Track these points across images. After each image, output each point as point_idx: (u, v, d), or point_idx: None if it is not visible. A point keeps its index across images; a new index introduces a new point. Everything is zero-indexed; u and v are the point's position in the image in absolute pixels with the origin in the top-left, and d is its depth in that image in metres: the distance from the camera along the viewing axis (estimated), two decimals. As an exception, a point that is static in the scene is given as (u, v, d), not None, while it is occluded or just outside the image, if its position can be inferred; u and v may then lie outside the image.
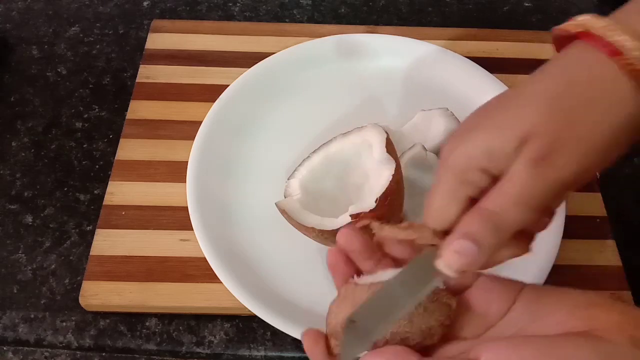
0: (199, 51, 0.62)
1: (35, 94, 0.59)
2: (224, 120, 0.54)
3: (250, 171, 0.52)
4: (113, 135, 0.56)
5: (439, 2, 0.70)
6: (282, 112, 0.56)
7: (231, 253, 0.47)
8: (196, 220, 0.47)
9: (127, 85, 0.60)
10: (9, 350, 0.45)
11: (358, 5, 0.69)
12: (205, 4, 0.69)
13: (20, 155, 0.55)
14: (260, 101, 0.56)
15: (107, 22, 0.66)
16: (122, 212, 0.50)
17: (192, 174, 0.50)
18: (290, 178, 0.48)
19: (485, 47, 0.63)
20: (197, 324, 0.46)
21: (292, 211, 0.44)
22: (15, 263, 0.49)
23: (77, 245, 0.50)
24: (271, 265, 0.47)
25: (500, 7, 0.70)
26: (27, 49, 0.63)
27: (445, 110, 0.52)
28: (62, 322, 0.46)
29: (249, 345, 0.45)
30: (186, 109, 0.56)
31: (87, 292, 0.45)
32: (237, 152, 0.53)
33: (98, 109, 0.59)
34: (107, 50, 0.63)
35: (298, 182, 0.47)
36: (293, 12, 0.68)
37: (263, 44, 0.62)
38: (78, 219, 0.51)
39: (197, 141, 0.52)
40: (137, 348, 0.45)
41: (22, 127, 0.57)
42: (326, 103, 0.57)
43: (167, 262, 0.47)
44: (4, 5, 0.67)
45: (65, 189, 0.53)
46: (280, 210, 0.45)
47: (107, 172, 0.53)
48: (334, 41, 0.60)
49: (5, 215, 0.51)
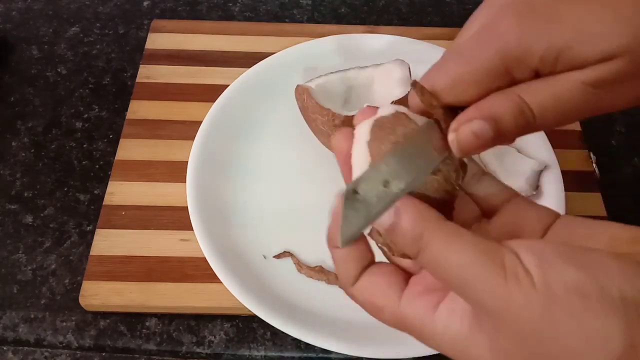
0: (199, 51, 0.62)
1: (35, 94, 0.59)
2: (224, 120, 0.54)
3: (250, 171, 0.52)
4: (113, 135, 0.56)
5: (439, 2, 0.70)
6: (282, 112, 0.56)
7: (231, 253, 0.47)
8: (196, 220, 0.47)
9: (127, 85, 0.60)
10: (9, 350, 0.44)
11: (358, 5, 0.69)
12: (205, 4, 0.69)
13: (20, 155, 0.55)
14: (260, 101, 0.56)
15: (107, 22, 0.66)
16: (122, 212, 0.50)
17: (192, 174, 0.50)
18: (307, 82, 0.51)
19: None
20: (197, 324, 0.46)
21: (313, 92, 0.48)
22: (15, 263, 0.49)
23: (77, 245, 0.50)
24: (271, 265, 0.47)
25: (500, 7, 0.70)
26: (27, 49, 0.63)
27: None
28: (62, 322, 0.46)
29: (249, 345, 0.45)
30: (186, 109, 0.56)
31: (87, 292, 0.45)
32: (237, 152, 0.53)
33: (98, 109, 0.59)
34: (107, 50, 0.63)
35: (314, 84, 0.50)
36: (293, 12, 0.68)
37: (263, 44, 0.62)
38: (78, 219, 0.51)
39: (197, 141, 0.52)
40: (137, 348, 0.45)
41: (22, 127, 0.57)
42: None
43: (167, 262, 0.47)
44: (4, 5, 0.67)
45: (65, 189, 0.53)
46: (300, 91, 0.49)
47: (107, 172, 0.53)
48: (334, 41, 0.60)
49: (5, 215, 0.51)
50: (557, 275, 0.21)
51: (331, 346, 0.42)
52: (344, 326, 0.43)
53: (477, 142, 0.25)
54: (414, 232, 0.23)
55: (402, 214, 0.24)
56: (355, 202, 0.25)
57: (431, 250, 0.23)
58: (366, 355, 0.41)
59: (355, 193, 0.25)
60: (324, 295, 0.45)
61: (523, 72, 0.26)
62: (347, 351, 0.42)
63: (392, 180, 0.25)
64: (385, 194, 0.25)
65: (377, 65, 0.53)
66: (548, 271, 0.21)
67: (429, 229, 0.23)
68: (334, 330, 0.43)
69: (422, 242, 0.23)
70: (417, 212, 0.24)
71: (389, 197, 0.24)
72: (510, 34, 0.25)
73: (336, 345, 0.42)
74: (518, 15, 0.26)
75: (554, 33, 0.25)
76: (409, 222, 0.24)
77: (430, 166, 0.25)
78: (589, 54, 0.25)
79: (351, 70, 0.53)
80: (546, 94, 0.26)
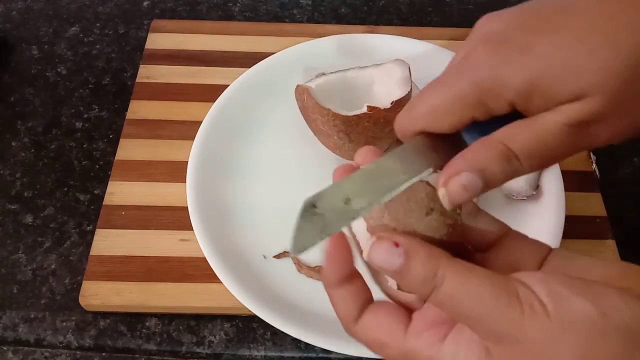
0: (199, 51, 0.62)
1: (35, 94, 0.59)
2: (224, 120, 0.54)
3: (250, 171, 0.52)
4: (113, 135, 0.56)
5: (439, 2, 0.70)
6: (282, 112, 0.56)
7: (231, 253, 0.47)
8: (196, 220, 0.47)
9: (127, 85, 0.60)
10: (9, 350, 0.44)
11: (358, 5, 0.69)
12: (205, 4, 0.69)
13: (20, 155, 0.55)
14: (260, 101, 0.56)
15: (107, 22, 0.66)
16: (122, 212, 0.50)
17: (192, 174, 0.50)
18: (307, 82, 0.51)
19: (485, 47, 0.63)
20: (197, 324, 0.46)
21: (313, 92, 0.48)
22: (15, 263, 0.49)
23: (77, 245, 0.50)
24: (271, 265, 0.47)
25: (500, 7, 0.70)
26: (27, 49, 0.63)
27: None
28: (62, 322, 0.46)
29: (249, 345, 0.45)
30: (186, 109, 0.56)
31: (87, 292, 0.45)
32: (237, 152, 0.53)
33: (98, 109, 0.59)
34: (107, 50, 0.63)
35: (314, 85, 0.50)
36: (293, 12, 0.68)
37: (263, 44, 0.62)
38: (78, 219, 0.51)
39: (197, 141, 0.52)
40: (137, 348, 0.45)
41: (22, 127, 0.57)
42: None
43: (167, 262, 0.47)
44: (4, 5, 0.67)
45: (65, 189, 0.53)
46: (300, 91, 0.49)
47: (107, 172, 0.53)
48: (334, 41, 0.60)
49: (5, 215, 0.51)
50: (567, 305, 0.22)
51: (331, 346, 0.42)
52: (344, 326, 0.43)
53: (467, 195, 0.25)
54: (425, 272, 0.24)
55: (411, 255, 0.24)
56: (313, 216, 0.25)
57: (446, 288, 0.23)
58: (366, 355, 0.41)
59: (313, 207, 0.25)
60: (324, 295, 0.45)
61: (498, 104, 0.26)
62: (347, 351, 0.42)
63: (354, 198, 0.25)
64: (345, 211, 0.25)
65: (377, 65, 0.53)
66: (559, 301, 0.22)
67: (442, 267, 0.24)
68: (334, 330, 0.43)
69: (436, 280, 0.24)
70: (427, 252, 0.24)
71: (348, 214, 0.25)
72: (483, 65, 0.26)
73: (336, 345, 0.42)
74: (492, 47, 0.26)
75: (526, 66, 0.25)
76: (419, 263, 0.24)
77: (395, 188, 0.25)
78: (560, 91, 0.25)
79: (351, 70, 0.53)
80: (530, 140, 0.25)
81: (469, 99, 0.26)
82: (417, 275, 0.24)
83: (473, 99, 0.26)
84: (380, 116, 0.47)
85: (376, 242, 0.25)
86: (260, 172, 0.52)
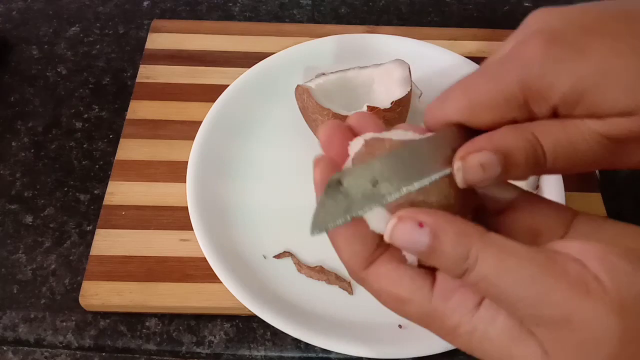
0: (199, 51, 0.62)
1: (35, 94, 0.59)
2: (224, 120, 0.54)
3: (250, 171, 0.52)
4: (113, 135, 0.56)
5: (439, 2, 0.70)
6: (282, 112, 0.56)
7: (231, 253, 0.47)
8: (196, 220, 0.47)
9: (127, 85, 0.60)
10: (8, 350, 0.44)
11: (358, 5, 0.69)
12: (205, 4, 0.69)
13: (20, 155, 0.55)
14: (260, 101, 0.56)
15: (107, 22, 0.66)
16: (122, 212, 0.50)
17: (192, 174, 0.50)
18: (307, 82, 0.51)
19: (485, 47, 0.63)
20: (197, 324, 0.46)
21: (313, 92, 0.48)
22: (15, 263, 0.49)
23: (77, 245, 0.50)
24: (271, 265, 0.47)
25: (500, 7, 0.70)
26: (27, 49, 0.63)
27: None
28: (62, 322, 0.46)
29: (249, 345, 0.45)
30: (186, 109, 0.56)
31: (87, 292, 0.45)
32: (237, 152, 0.53)
33: (98, 109, 0.59)
34: (107, 50, 0.63)
35: (314, 85, 0.50)
36: (293, 12, 0.68)
37: (263, 44, 0.62)
38: (78, 219, 0.51)
39: (197, 141, 0.52)
40: (137, 348, 0.45)
41: (22, 127, 0.57)
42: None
43: (167, 262, 0.47)
44: (4, 5, 0.67)
45: (65, 189, 0.53)
46: (300, 91, 0.49)
47: (107, 172, 0.53)
48: (334, 41, 0.60)
49: (5, 215, 0.51)
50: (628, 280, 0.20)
51: (331, 346, 0.42)
52: (344, 326, 0.43)
53: (482, 175, 0.24)
54: (456, 253, 0.22)
55: (439, 235, 0.22)
56: (337, 193, 0.23)
57: (481, 270, 0.21)
58: (366, 355, 0.41)
59: (339, 184, 0.23)
60: (324, 295, 0.45)
61: (541, 107, 0.24)
62: (347, 351, 0.42)
63: (382, 182, 0.23)
64: (372, 194, 0.23)
65: (377, 65, 0.53)
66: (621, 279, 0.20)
67: (475, 247, 0.22)
68: (334, 330, 0.43)
69: (469, 261, 0.22)
70: (457, 230, 0.22)
71: (375, 198, 0.23)
72: (534, 61, 0.24)
73: (336, 345, 0.42)
74: (547, 43, 0.24)
75: (578, 69, 0.23)
76: (450, 243, 0.22)
77: (426, 177, 0.24)
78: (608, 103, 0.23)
79: (351, 70, 0.53)
80: (562, 139, 0.24)
81: (515, 100, 0.24)
82: (447, 257, 0.22)
83: (520, 99, 0.24)
84: (380, 116, 0.47)
85: (399, 224, 0.23)
86: (260, 172, 0.52)
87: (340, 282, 0.45)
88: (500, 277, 0.21)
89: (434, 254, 0.22)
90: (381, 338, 0.42)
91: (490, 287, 0.22)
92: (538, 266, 0.21)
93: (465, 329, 0.23)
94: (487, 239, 0.22)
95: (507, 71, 0.24)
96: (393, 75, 0.51)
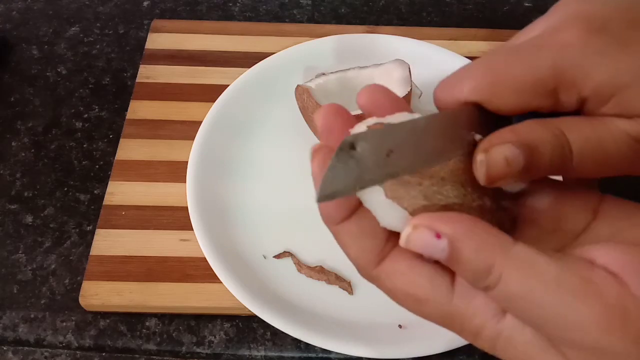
0: (199, 51, 0.62)
1: (35, 94, 0.59)
2: (224, 120, 0.54)
3: (250, 171, 0.52)
4: (113, 135, 0.56)
5: (439, 2, 0.70)
6: (282, 112, 0.56)
7: (231, 253, 0.47)
8: (196, 220, 0.47)
9: (127, 85, 0.60)
10: (8, 350, 0.44)
11: (358, 5, 0.69)
12: (205, 4, 0.69)
13: (20, 155, 0.55)
14: (260, 101, 0.56)
15: (107, 22, 0.66)
16: (122, 212, 0.50)
17: (192, 174, 0.50)
18: (307, 82, 0.51)
19: (485, 47, 0.63)
20: (197, 324, 0.46)
21: (313, 92, 0.48)
22: (15, 263, 0.49)
23: (77, 245, 0.50)
24: (271, 265, 0.47)
25: (500, 7, 0.70)
26: (27, 49, 0.63)
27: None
28: (62, 322, 0.46)
29: (249, 345, 0.45)
30: (186, 109, 0.56)
31: (87, 292, 0.45)
32: (237, 152, 0.53)
33: (98, 109, 0.59)
34: (107, 50, 0.63)
35: (314, 84, 0.50)
36: (293, 12, 0.68)
37: (263, 44, 0.62)
38: (78, 219, 0.51)
39: (197, 141, 0.52)
40: (137, 348, 0.45)
41: (22, 127, 0.57)
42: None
43: (167, 262, 0.47)
44: (4, 5, 0.67)
45: (65, 189, 0.53)
46: (300, 91, 0.49)
47: (107, 172, 0.53)
48: (334, 41, 0.60)
49: (5, 215, 0.51)
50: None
51: (331, 346, 0.42)
52: (344, 326, 0.43)
53: (505, 171, 0.22)
54: (478, 268, 0.20)
55: (459, 247, 0.20)
56: (349, 159, 0.21)
57: (505, 289, 0.20)
58: (366, 355, 0.41)
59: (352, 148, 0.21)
60: (324, 295, 0.45)
61: (571, 97, 0.22)
62: (347, 351, 0.42)
63: (396, 152, 0.21)
64: (385, 164, 0.21)
65: (377, 65, 0.53)
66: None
67: (498, 262, 0.20)
68: (334, 330, 0.43)
69: (492, 278, 0.20)
70: (478, 244, 0.20)
71: (387, 169, 0.21)
72: (573, 49, 0.22)
73: (336, 345, 0.42)
74: (587, 30, 0.22)
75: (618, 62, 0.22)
76: (469, 256, 0.20)
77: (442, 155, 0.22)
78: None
79: (351, 70, 0.53)
80: (590, 137, 0.22)
81: (545, 85, 0.22)
82: (467, 270, 0.20)
83: (549, 86, 0.22)
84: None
85: (414, 232, 0.21)
86: (260, 172, 0.52)
87: (340, 282, 0.45)
88: (527, 299, 0.19)
89: (453, 264, 0.21)
90: (381, 338, 0.42)
91: (514, 307, 0.20)
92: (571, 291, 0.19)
93: (488, 333, 0.21)
94: (513, 254, 0.20)
95: (541, 54, 0.22)
96: (393, 75, 0.51)
